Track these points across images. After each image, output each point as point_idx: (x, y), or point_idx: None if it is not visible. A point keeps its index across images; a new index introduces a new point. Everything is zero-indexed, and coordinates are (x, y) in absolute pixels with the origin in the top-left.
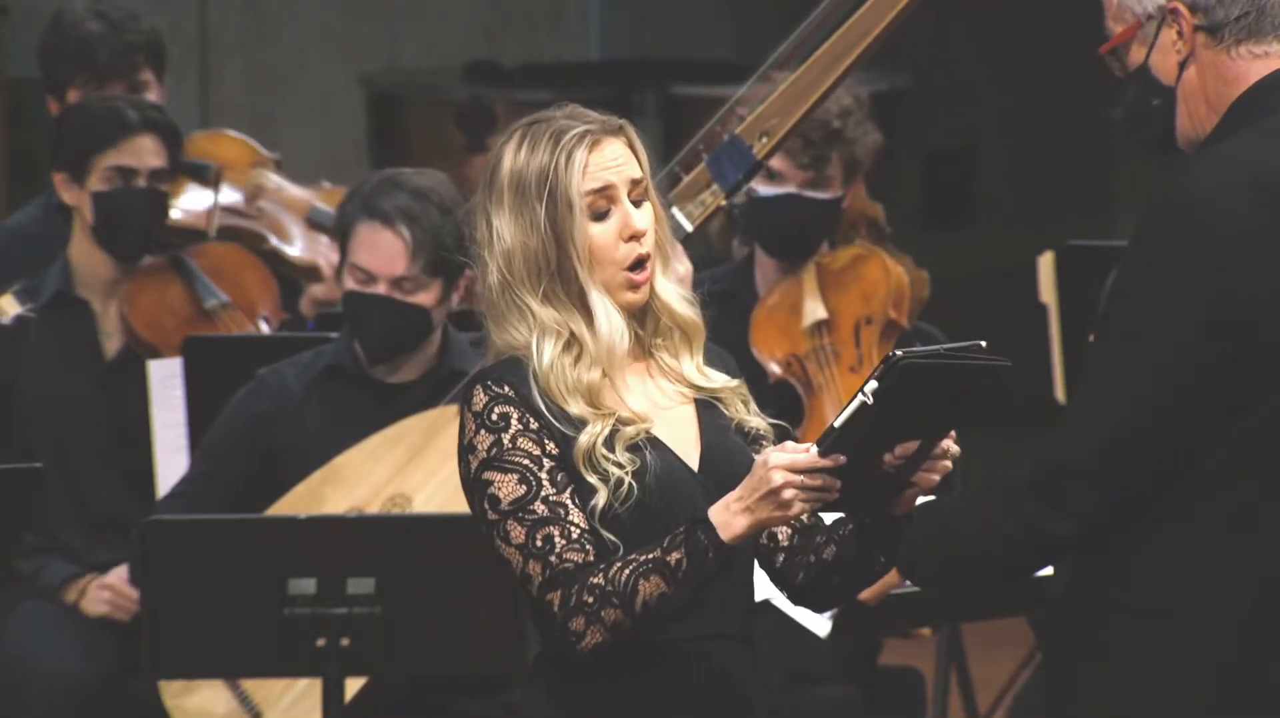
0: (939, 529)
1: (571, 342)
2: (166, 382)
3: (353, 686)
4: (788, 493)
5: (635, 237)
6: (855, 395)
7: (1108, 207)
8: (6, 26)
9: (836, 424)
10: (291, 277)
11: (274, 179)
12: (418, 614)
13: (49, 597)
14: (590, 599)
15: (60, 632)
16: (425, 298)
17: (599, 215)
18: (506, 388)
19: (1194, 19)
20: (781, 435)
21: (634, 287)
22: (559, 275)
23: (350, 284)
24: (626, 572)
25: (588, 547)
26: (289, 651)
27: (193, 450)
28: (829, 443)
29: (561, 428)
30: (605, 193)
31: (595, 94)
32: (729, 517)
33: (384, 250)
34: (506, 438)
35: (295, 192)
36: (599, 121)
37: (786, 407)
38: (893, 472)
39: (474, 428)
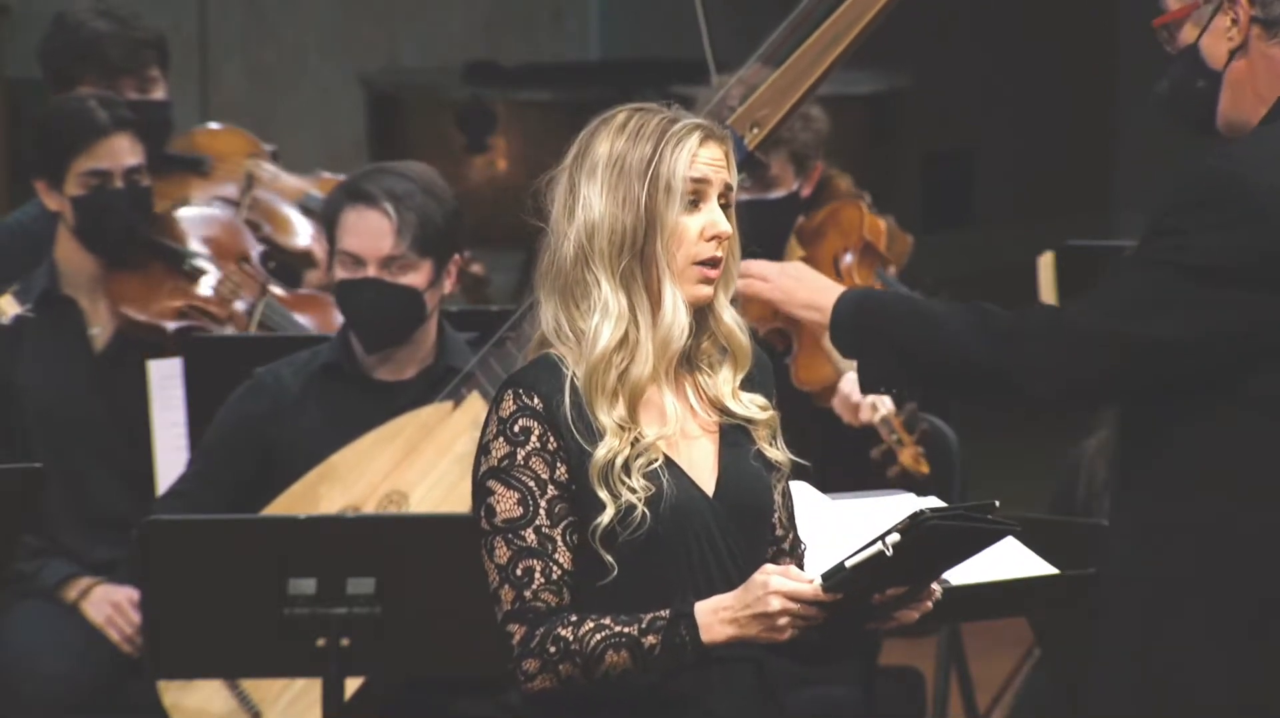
0: (893, 326)
1: (626, 339)
2: (166, 382)
3: (351, 685)
4: (782, 621)
5: (717, 237)
6: (873, 543)
7: (1108, 207)
8: (6, 26)
9: (848, 565)
10: (290, 264)
11: (268, 169)
12: (418, 614)
13: (48, 596)
14: (552, 650)
15: (60, 632)
16: (416, 279)
17: (689, 207)
18: (536, 400)
19: (1252, 10)
20: (799, 473)
21: (706, 280)
22: (640, 258)
23: (340, 274)
24: (598, 637)
25: (564, 591)
26: (289, 651)
27: (193, 450)
28: (835, 581)
29: (583, 444)
30: (700, 186)
31: (595, 94)
32: (714, 622)
33: (370, 231)
34: (521, 453)
35: (290, 180)
36: (707, 122)
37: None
38: (875, 606)
39: (495, 432)
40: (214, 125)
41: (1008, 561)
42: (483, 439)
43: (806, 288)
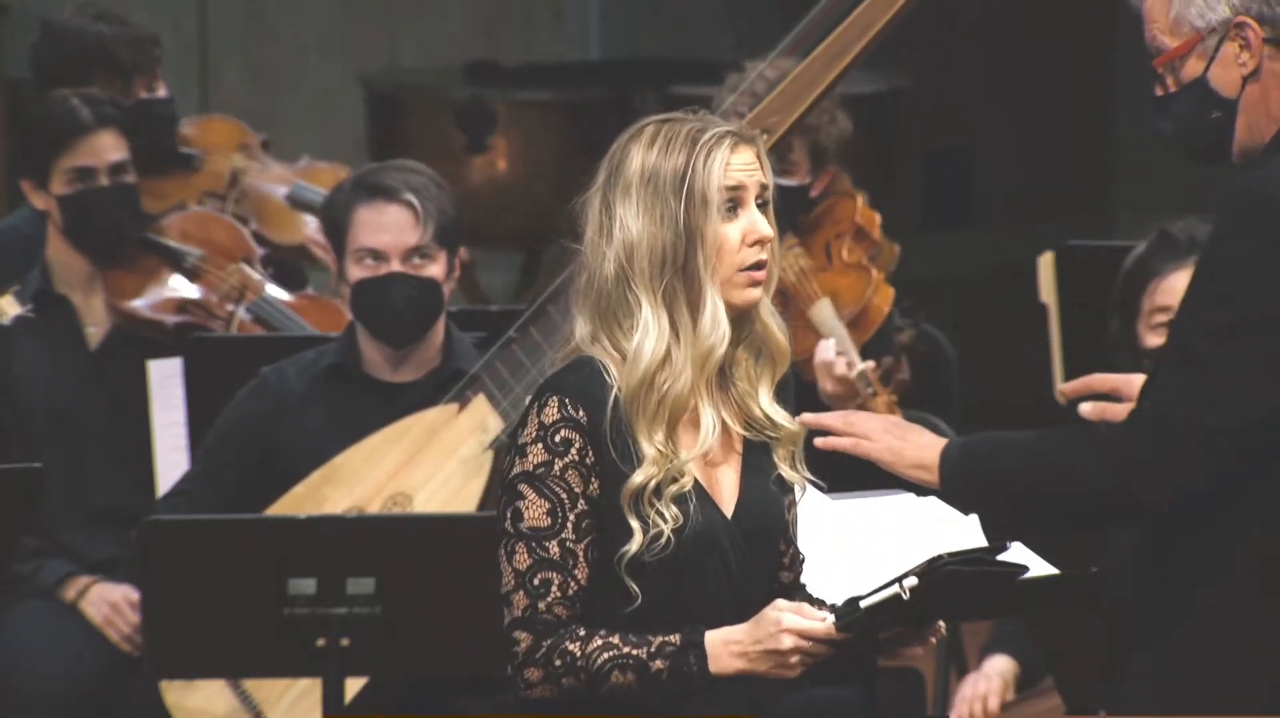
0: (1003, 469)
1: (667, 359)
2: (166, 382)
3: (353, 686)
4: (793, 659)
5: (760, 242)
6: (890, 585)
7: (1108, 207)
8: (6, 27)
9: (863, 606)
10: (281, 260)
11: (254, 164)
12: (418, 614)
13: (47, 596)
14: (558, 663)
15: (60, 632)
16: (436, 270)
17: (728, 216)
18: (581, 413)
19: (1264, 31)
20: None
21: (753, 284)
22: (682, 273)
23: (358, 274)
24: (605, 656)
25: (577, 606)
26: (289, 651)
27: (193, 450)
28: (849, 621)
29: (619, 462)
30: (736, 192)
31: (595, 94)
32: (724, 654)
33: (393, 225)
34: (559, 464)
35: (278, 171)
36: (736, 127)
37: None
38: (883, 641)
39: (534, 436)
40: (196, 118)
41: (1008, 560)
42: (519, 439)
43: (913, 447)
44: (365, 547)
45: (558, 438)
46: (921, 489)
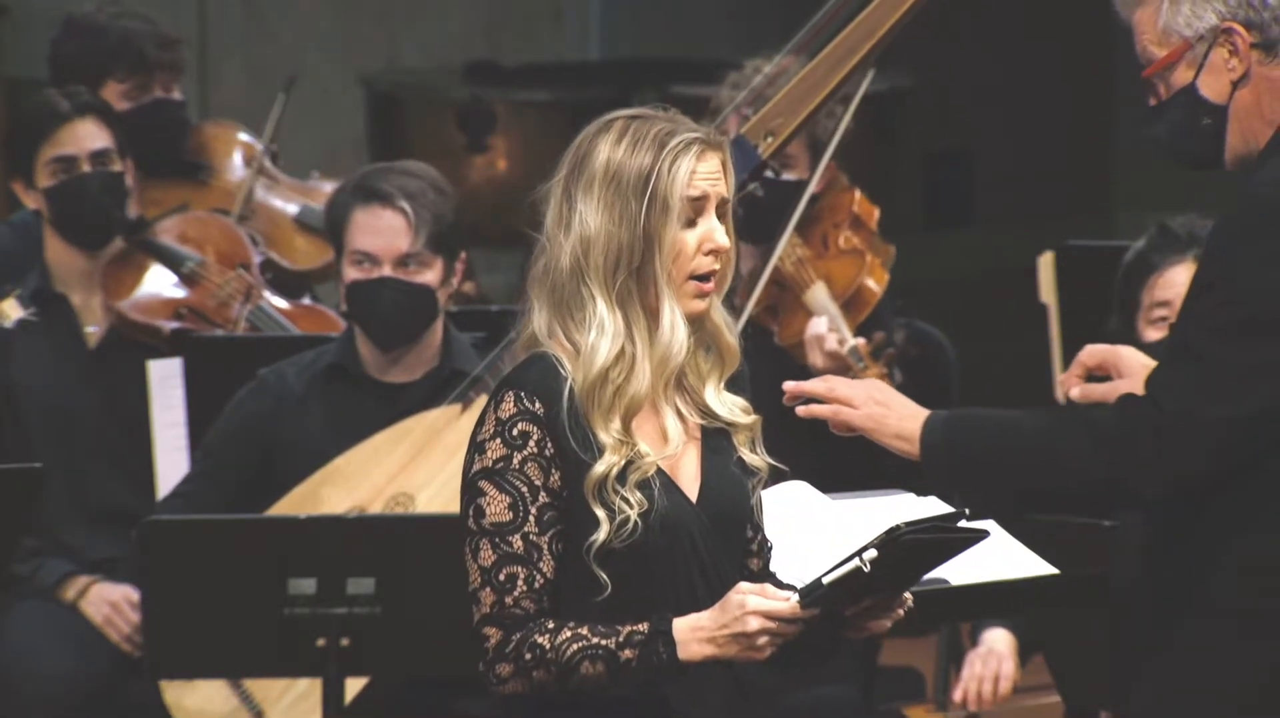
0: (990, 449)
1: (622, 355)
2: (166, 382)
3: (354, 686)
4: (761, 640)
5: (715, 252)
6: (850, 559)
7: (1108, 207)
8: (7, 26)
9: (825, 582)
10: (292, 283)
11: (260, 185)
12: (418, 614)
13: (46, 595)
14: (528, 657)
15: (60, 632)
16: (430, 277)
17: (687, 223)
18: (538, 404)
19: (1250, 36)
20: (776, 476)
21: (701, 295)
22: (638, 275)
23: (352, 275)
24: (574, 647)
25: (544, 599)
26: (289, 651)
27: (193, 450)
28: (813, 598)
29: (579, 453)
30: (698, 202)
31: (595, 94)
32: (692, 640)
33: (386, 230)
34: (518, 458)
35: (287, 185)
36: (704, 132)
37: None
38: (849, 617)
39: (491, 432)
40: (214, 122)
41: (1008, 561)
42: (477, 437)
43: (895, 416)
44: (365, 547)
45: (515, 431)
46: (920, 489)
